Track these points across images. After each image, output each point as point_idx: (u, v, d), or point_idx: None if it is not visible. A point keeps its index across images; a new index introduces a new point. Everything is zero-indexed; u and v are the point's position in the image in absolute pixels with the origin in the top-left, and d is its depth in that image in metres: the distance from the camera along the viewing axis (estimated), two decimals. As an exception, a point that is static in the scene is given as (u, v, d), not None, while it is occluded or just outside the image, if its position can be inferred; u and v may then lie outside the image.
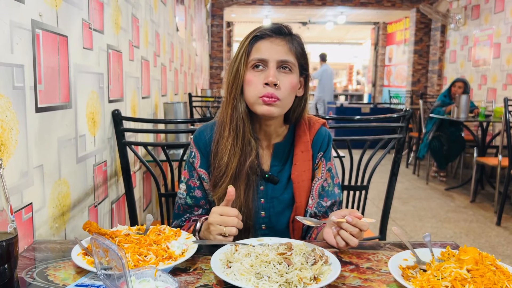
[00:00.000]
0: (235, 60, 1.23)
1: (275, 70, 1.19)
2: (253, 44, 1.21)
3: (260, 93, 1.19)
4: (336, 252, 1.09)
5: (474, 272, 0.86)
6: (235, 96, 1.22)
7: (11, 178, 1.05)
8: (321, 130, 1.36)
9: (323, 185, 1.34)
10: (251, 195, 1.26)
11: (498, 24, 6.20)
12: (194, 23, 5.76)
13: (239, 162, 1.22)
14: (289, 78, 1.20)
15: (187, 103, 4.09)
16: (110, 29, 1.84)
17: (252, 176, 1.25)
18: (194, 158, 1.32)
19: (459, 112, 5.00)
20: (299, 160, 1.31)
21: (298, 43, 1.24)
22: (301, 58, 1.25)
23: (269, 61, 1.19)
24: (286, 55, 1.20)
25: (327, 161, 1.36)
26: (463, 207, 4.64)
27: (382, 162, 1.99)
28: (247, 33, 1.25)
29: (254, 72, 1.20)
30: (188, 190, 1.33)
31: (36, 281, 0.92)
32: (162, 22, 3.17)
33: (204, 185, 1.32)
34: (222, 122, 1.26)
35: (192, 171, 1.32)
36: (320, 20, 11.24)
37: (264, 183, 1.30)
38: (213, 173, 1.27)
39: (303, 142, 1.32)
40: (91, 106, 1.60)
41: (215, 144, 1.27)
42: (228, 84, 1.24)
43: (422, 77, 8.84)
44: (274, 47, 1.20)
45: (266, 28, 1.22)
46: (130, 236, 1.05)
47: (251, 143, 1.24)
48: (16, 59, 1.06)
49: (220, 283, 0.92)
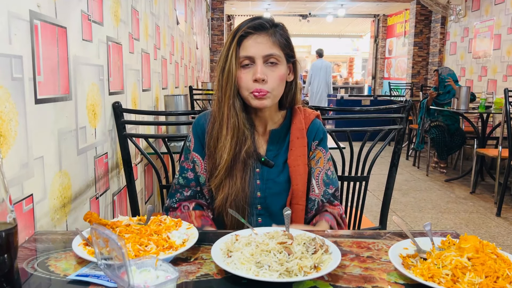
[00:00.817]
0: (225, 61, 1.27)
1: (262, 66, 1.25)
2: (240, 44, 1.26)
3: (250, 89, 1.26)
4: (336, 242, 1.09)
5: (475, 260, 0.87)
6: (230, 96, 1.27)
7: (11, 169, 1.05)
8: (315, 121, 1.44)
9: (328, 174, 1.42)
10: (247, 181, 1.32)
11: (498, 15, 6.17)
12: (195, 17, 5.74)
13: (234, 153, 1.29)
14: (276, 72, 1.27)
15: (188, 95, 4.08)
16: (110, 21, 1.83)
17: (248, 160, 1.32)
18: (189, 142, 1.39)
19: (459, 104, 4.99)
20: (295, 145, 1.38)
21: (280, 35, 1.29)
22: (286, 48, 1.30)
23: (255, 57, 1.25)
24: (271, 49, 1.26)
25: (327, 151, 1.44)
26: (463, 198, 4.65)
27: (382, 154, 1.99)
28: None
29: (243, 69, 1.26)
30: (181, 171, 1.40)
31: (37, 271, 0.92)
32: (162, 15, 3.16)
33: (196, 168, 1.38)
34: (218, 120, 1.30)
35: (188, 154, 1.39)
36: (320, 13, 11.20)
37: (260, 166, 1.37)
38: (208, 163, 1.34)
39: (298, 129, 1.39)
40: (91, 98, 1.60)
41: (209, 135, 1.34)
42: (222, 85, 1.28)
43: (422, 69, 8.82)
44: (258, 43, 1.25)
45: (248, 26, 1.26)
46: (130, 226, 1.05)
47: (245, 133, 1.30)
48: (14, 50, 1.06)
49: (221, 272, 0.92)
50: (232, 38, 1.26)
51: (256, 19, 1.28)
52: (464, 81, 7.09)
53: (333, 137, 1.96)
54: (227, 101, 1.27)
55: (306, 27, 13.08)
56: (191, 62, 5.28)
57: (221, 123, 1.29)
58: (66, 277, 0.89)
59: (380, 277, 0.91)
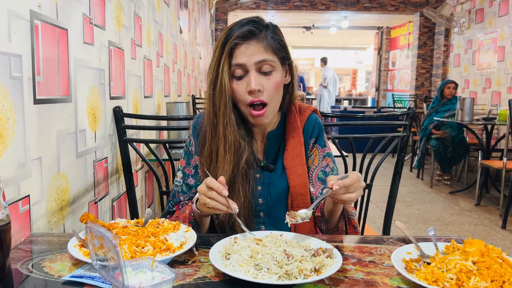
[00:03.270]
0: (215, 74, 1.18)
1: (255, 75, 1.17)
2: (230, 55, 1.17)
3: (246, 101, 1.18)
4: (338, 246, 1.07)
5: (480, 264, 0.84)
6: (225, 113, 1.19)
7: (7, 169, 1.03)
8: (311, 116, 1.36)
9: (326, 171, 1.33)
10: (250, 192, 1.25)
11: (502, 28, 6.17)
12: (198, 27, 5.77)
13: (234, 167, 1.21)
14: (271, 80, 1.19)
15: (190, 103, 4.08)
16: (112, 26, 1.83)
17: (249, 171, 1.25)
18: (190, 146, 1.34)
19: (463, 115, 4.96)
20: (290, 145, 1.31)
21: (272, 37, 1.20)
22: (279, 51, 1.21)
23: (247, 65, 1.16)
24: (263, 55, 1.17)
25: (322, 148, 1.35)
26: (468, 210, 4.60)
27: (386, 166, 1.97)
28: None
29: (237, 81, 1.18)
30: (184, 177, 1.34)
31: (31, 273, 0.90)
32: (165, 23, 3.16)
33: (199, 172, 1.32)
34: (211, 138, 1.23)
35: (190, 159, 1.34)
36: (323, 25, 11.25)
37: (260, 171, 1.30)
38: (206, 175, 1.25)
39: (293, 128, 1.32)
40: (91, 101, 1.59)
41: (200, 153, 1.27)
42: (214, 101, 1.20)
43: (426, 81, 8.81)
44: (249, 52, 1.16)
45: (237, 35, 1.16)
46: (128, 228, 1.03)
47: (242, 144, 1.22)
48: (13, 48, 1.05)
49: (219, 275, 0.90)
50: (221, 50, 1.17)
51: (245, 24, 1.18)
52: (468, 93, 7.07)
53: (336, 145, 1.94)
54: (221, 118, 1.19)
55: (309, 39, 13.13)
56: (194, 72, 5.29)
57: (217, 143, 1.22)
58: (61, 278, 0.87)
59: (382, 281, 0.89)
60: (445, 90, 5.57)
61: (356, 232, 1.27)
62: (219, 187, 1.06)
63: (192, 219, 1.20)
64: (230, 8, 8.71)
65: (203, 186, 1.09)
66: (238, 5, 8.45)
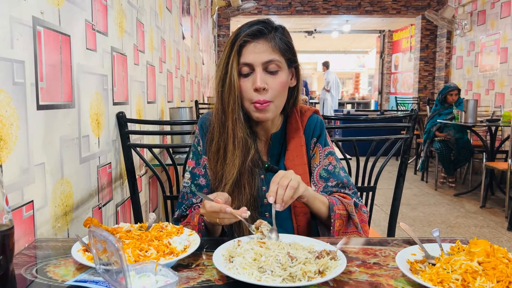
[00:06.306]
0: (224, 71, 1.21)
1: (262, 74, 1.19)
2: (239, 52, 1.20)
3: (251, 99, 1.20)
4: (342, 248, 1.06)
5: (486, 265, 0.83)
6: (234, 109, 1.21)
7: (11, 174, 1.03)
8: (312, 117, 1.38)
9: (328, 169, 1.34)
10: (255, 189, 1.26)
11: (504, 29, 6.16)
12: (201, 33, 5.79)
13: (240, 165, 1.23)
14: (277, 79, 1.21)
15: (193, 108, 4.09)
16: (114, 32, 1.84)
17: (254, 169, 1.27)
18: (198, 146, 1.35)
19: (467, 117, 4.95)
20: (291, 146, 1.33)
21: (280, 39, 1.22)
22: (287, 53, 1.23)
23: (254, 64, 1.19)
24: (270, 55, 1.19)
25: (323, 147, 1.36)
26: (473, 212, 4.57)
27: (390, 169, 1.97)
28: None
29: (243, 78, 1.21)
30: (193, 178, 1.34)
31: (35, 278, 0.90)
32: (167, 28, 3.17)
33: (208, 172, 1.33)
34: (220, 134, 1.26)
35: (199, 159, 1.34)
36: (325, 29, 11.26)
37: (264, 173, 1.31)
38: (213, 172, 1.29)
39: (294, 129, 1.34)
40: (95, 107, 1.59)
41: (208, 149, 1.29)
42: (223, 98, 1.23)
43: (429, 83, 8.79)
44: (257, 50, 1.19)
45: (247, 33, 1.19)
46: (131, 232, 1.03)
47: (248, 142, 1.24)
48: (16, 54, 1.06)
49: (223, 278, 0.90)
50: (231, 47, 1.20)
51: (254, 24, 1.21)
52: (472, 95, 7.05)
53: (340, 148, 1.94)
54: (231, 115, 1.22)
55: (311, 43, 13.15)
56: (197, 77, 5.30)
57: (226, 139, 1.24)
58: (65, 283, 0.87)
59: (387, 283, 0.88)
60: (448, 97, 5.52)
61: (357, 232, 1.26)
62: (221, 207, 1.07)
63: (203, 229, 1.22)
64: (232, 14, 8.74)
65: (204, 211, 1.11)
66: (240, 11, 8.47)
